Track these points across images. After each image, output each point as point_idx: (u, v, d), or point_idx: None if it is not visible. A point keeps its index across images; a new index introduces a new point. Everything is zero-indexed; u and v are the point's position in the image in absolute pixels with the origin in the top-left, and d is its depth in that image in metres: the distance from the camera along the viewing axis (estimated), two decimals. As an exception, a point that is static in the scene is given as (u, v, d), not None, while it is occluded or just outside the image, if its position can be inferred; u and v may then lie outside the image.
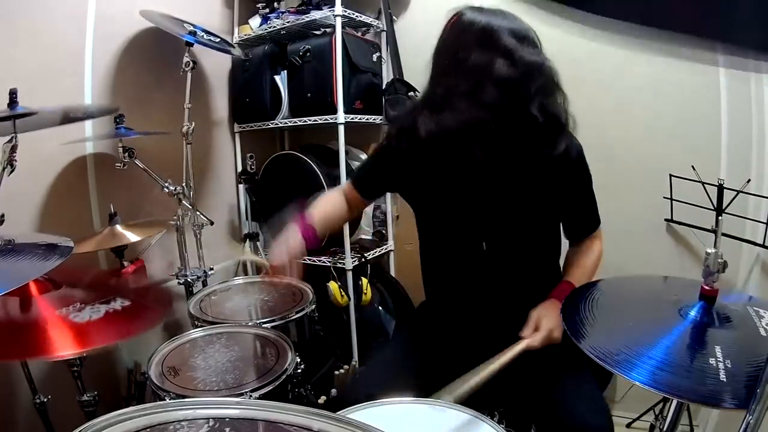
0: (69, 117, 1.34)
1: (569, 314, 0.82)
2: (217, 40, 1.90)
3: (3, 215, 1.04)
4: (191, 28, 1.77)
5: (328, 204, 1.25)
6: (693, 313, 0.77)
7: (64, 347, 0.84)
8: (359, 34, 2.16)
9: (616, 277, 1.03)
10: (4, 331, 0.87)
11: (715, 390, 0.62)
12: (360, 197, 1.27)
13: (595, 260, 1.17)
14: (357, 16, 2.05)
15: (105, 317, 0.91)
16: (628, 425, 1.87)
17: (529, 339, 0.99)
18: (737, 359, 0.67)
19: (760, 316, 0.78)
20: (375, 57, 2.15)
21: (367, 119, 2.12)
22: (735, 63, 1.59)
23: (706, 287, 0.77)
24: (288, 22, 2.07)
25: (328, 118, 1.97)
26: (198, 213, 1.80)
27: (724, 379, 0.63)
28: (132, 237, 1.51)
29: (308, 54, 1.99)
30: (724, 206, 1.51)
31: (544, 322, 1.01)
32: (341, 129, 1.96)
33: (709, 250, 0.76)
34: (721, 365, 0.65)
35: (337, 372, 1.93)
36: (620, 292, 0.98)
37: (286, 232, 1.08)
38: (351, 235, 2.07)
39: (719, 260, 0.75)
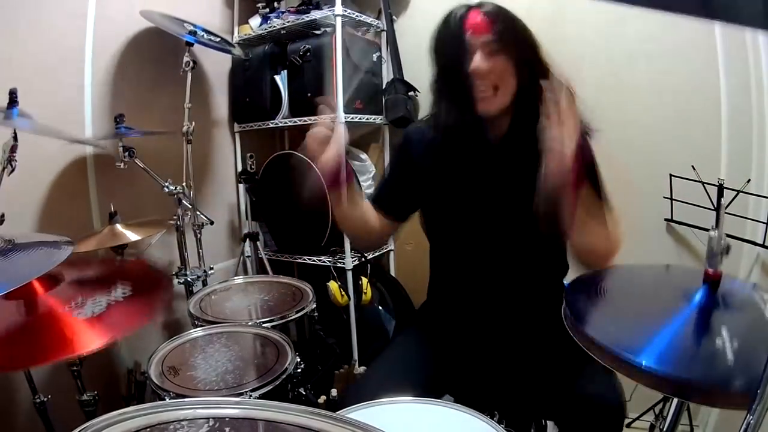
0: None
1: (574, 302, 0.80)
2: (218, 39, 1.90)
3: (3, 215, 1.04)
4: (191, 27, 1.77)
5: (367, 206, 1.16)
6: (698, 297, 0.76)
7: (70, 348, 0.83)
8: (359, 34, 2.16)
9: (618, 265, 1.01)
10: (10, 338, 0.86)
11: (724, 372, 0.61)
12: (383, 215, 1.16)
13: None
14: (357, 16, 2.05)
15: (108, 310, 0.90)
16: (628, 425, 1.87)
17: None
18: (744, 340, 0.65)
19: (765, 300, 0.77)
20: (375, 57, 2.15)
21: (367, 119, 2.12)
22: (736, 58, 1.60)
23: (710, 270, 0.75)
24: (288, 21, 2.07)
25: (328, 118, 1.97)
26: (198, 213, 1.80)
27: (732, 360, 0.62)
28: (132, 236, 1.51)
29: (308, 54, 1.99)
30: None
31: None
32: (341, 129, 1.96)
33: (712, 233, 0.73)
34: (728, 345, 0.64)
35: (337, 372, 1.93)
36: (624, 279, 0.97)
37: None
38: (351, 234, 2.07)
39: (722, 242, 0.72)
